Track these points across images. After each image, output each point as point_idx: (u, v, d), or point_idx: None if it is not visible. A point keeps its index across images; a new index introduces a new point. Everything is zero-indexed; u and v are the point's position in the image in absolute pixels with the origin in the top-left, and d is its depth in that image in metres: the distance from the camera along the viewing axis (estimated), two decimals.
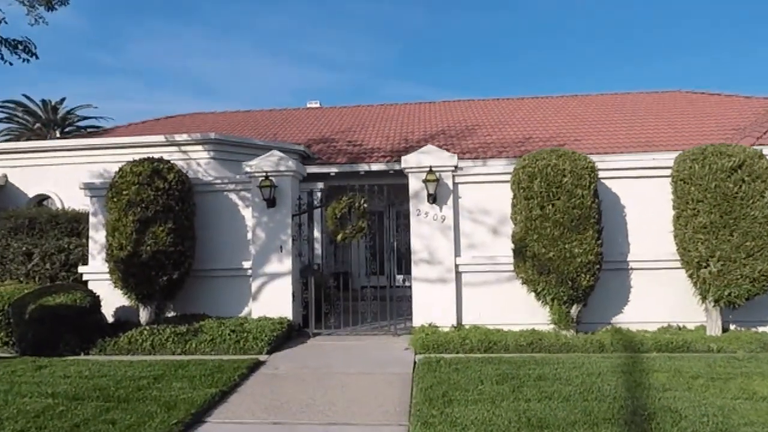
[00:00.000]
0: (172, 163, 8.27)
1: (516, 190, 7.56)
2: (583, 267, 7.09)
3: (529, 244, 7.28)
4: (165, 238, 7.76)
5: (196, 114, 21.52)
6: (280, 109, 21.70)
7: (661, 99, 19.09)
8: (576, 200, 7.09)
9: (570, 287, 7.18)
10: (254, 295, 8.50)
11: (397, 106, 20.86)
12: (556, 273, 7.13)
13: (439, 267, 8.19)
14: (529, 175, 7.34)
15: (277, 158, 8.58)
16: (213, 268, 8.72)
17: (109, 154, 12.38)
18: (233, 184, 8.89)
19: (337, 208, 8.31)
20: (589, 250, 7.09)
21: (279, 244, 8.46)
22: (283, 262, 8.46)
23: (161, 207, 7.81)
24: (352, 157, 14.67)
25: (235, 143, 12.64)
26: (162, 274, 7.81)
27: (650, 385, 5.18)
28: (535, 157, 7.48)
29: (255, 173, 8.53)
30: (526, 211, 7.32)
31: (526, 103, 19.99)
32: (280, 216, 8.53)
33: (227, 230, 8.83)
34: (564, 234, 7.07)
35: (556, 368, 5.93)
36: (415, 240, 8.29)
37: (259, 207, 8.56)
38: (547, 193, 7.17)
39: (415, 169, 8.33)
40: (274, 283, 8.45)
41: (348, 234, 8.31)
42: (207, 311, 8.60)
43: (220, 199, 8.93)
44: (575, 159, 7.30)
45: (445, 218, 8.23)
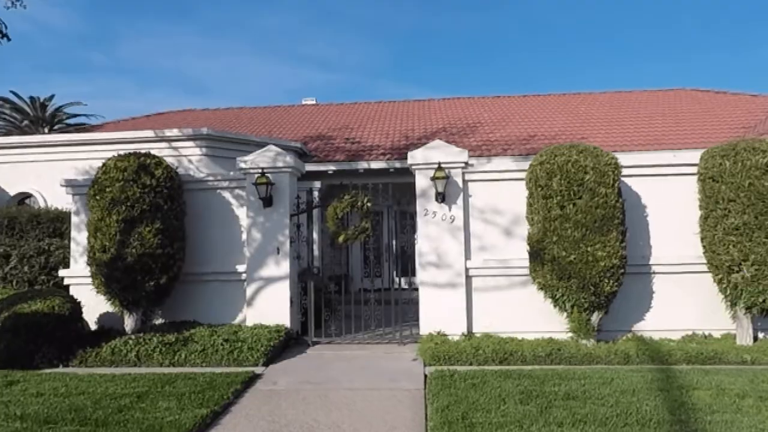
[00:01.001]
0: (161, 158, 7.65)
1: (533, 189, 7.01)
2: (606, 271, 6.55)
3: (547, 247, 6.73)
4: (152, 239, 7.14)
5: (188, 111, 20.87)
6: (274, 106, 21.08)
7: (665, 97, 18.66)
8: (599, 199, 6.55)
9: (592, 293, 6.64)
10: (249, 300, 7.91)
11: (395, 103, 20.30)
12: (577, 278, 6.58)
13: (448, 271, 7.62)
14: (547, 172, 6.79)
15: (274, 153, 7.98)
16: (204, 272, 8.12)
17: (95, 150, 11.75)
18: (227, 182, 8.29)
19: (338, 208, 7.73)
20: (613, 253, 6.55)
21: (276, 245, 7.87)
22: (280, 266, 7.87)
23: (148, 205, 7.19)
24: (351, 154, 14.11)
25: (228, 139, 12.05)
26: (149, 278, 7.19)
27: (694, 406, 4.63)
28: (553, 153, 6.93)
29: (250, 170, 7.93)
30: (544, 211, 6.77)
31: (527, 100, 19.49)
32: (278, 216, 7.94)
33: (220, 231, 8.23)
34: (586, 236, 6.53)
35: (584, 384, 5.38)
36: (423, 241, 7.73)
37: (255, 206, 7.96)
38: (567, 191, 6.63)
39: (423, 166, 7.76)
40: (271, 287, 7.86)
41: (350, 235, 7.73)
42: (198, 318, 7.99)
43: (212, 197, 8.32)
44: (597, 155, 6.76)
45: (454, 218, 7.67)
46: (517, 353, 6.59)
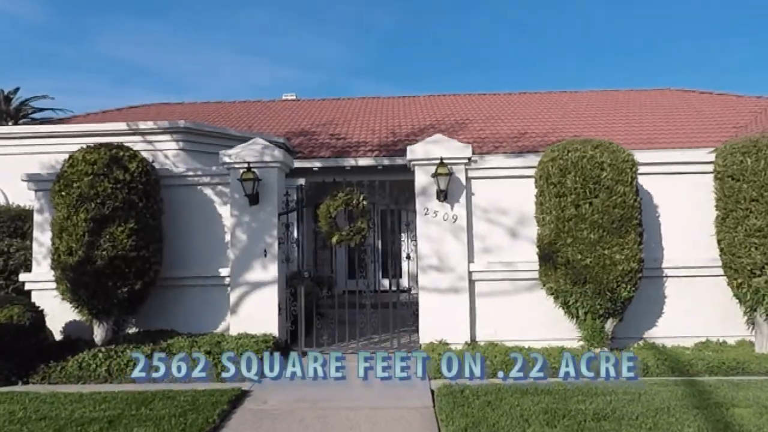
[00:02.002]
0: (135, 151, 6.92)
1: (543, 186, 6.52)
2: (624, 276, 6.10)
3: (560, 249, 6.25)
4: (125, 240, 6.42)
5: (163, 105, 19.91)
6: (254, 100, 20.27)
7: (652, 96, 18.53)
8: (617, 198, 6.09)
9: (608, 299, 6.18)
10: (233, 307, 7.23)
11: (379, 99, 19.71)
12: (593, 283, 6.11)
13: (450, 274, 7.09)
14: (560, 168, 6.31)
15: (261, 147, 7.33)
16: (184, 276, 7.41)
17: (63, 143, 10.81)
18: (209, 177, 7.59)
19: (332, 206, 7.11)
20: (631, 256, 6.10)
21: (263, 247, 7.21)
22: (267, 269, 7.22)
23: (121, 203, 6.47)
24: (337, 151, 13.48)
25: (207, 133, 11.29)
26: (121, 284, 6.47)
27: (741, 428, 4.18)
28: (565, 148, 6.45)
29: (235, 164, 7.26)
30: (557, 211, 6.29)
31: (514, 98, 19.14)
32: (265, 214, 7.28)
33: (202, 231, 7.53)
34: (603, 237, 6.06)
35: (610, 400, 4.89)
36: (423, 243, 7.17)
37: (240, 204, 7.29)
38: (582, 189, 6.15)
39: (423, 162, 7.21)
40: (257, 293, 7.20)
41: (345, 236, 7.12)
42: (176, 327, 7.28)
43: (193, 194, 7.62)
44: (614, 150, 6.30)
45: (457, 218, 7.13)
46: (529, 364, 6.07)
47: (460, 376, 5.91)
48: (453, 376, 5.92)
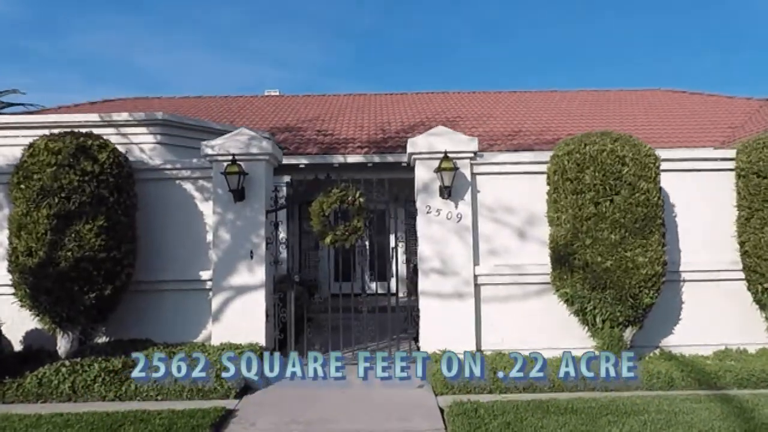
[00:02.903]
0: (106, 140, 6.19)
1: (558, 183, 5.99)
2: (648, 280, 5.60)
3: (578, 251, 5.72)
4: (93, 239, 5.70)
5: (140, 99, 19.00)
6: (235, 95, 19.50)
7: (644, 96, 18.29)
8: (640, 195, 5.59)
9: (630, 306, 5.67)
10: (215, 314, 6.55)
11: (367, 96, 19.11)
12: (614, 288, 5.59)
13: (454, 278, 6.52)
14: (577, 163, 5.78)
15: (248, 138, 6.67)
16: (160, 280, 6.69)
17: (29, 135, 9.97)
18: (189, 171, 6.89)
19: (325, 203, 6.48)
20: (655, 259, 5.60)
21: (249, 248, 6.55)
22: (253, 272, 6.55)
23: (89, 197, 5.75)
24: (324, 147, 12.82)
25: (187, 126, 10.53)
26: (88, 288, 5.74)
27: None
28: (582, 141, 5.94)
29: (218, 156, 6.58)
30: (574, 209, 5.76)
31: (506, 97, 18.72)
32: (251, 212, 6.62)
33: (180, 230, 6.83)
34: (625, 238, 5.55)
35: (644, 422, 4.36)
36: (424, 244, 6.59)
37: (224, 200, 6.62)
38: (602, 185, 5.64)
39: (425, 155, 6.64)
40: (242, 298, 6.53)
41: (340, 236, 6.49)
42: (152, 336, 6.57)
43: (171, 189, 6.91)
44: (635, 144, 5.81)
45: (461, 217, 6.57)
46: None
47: (470, 392, 5.37)
48: (463, 391, 5.37)
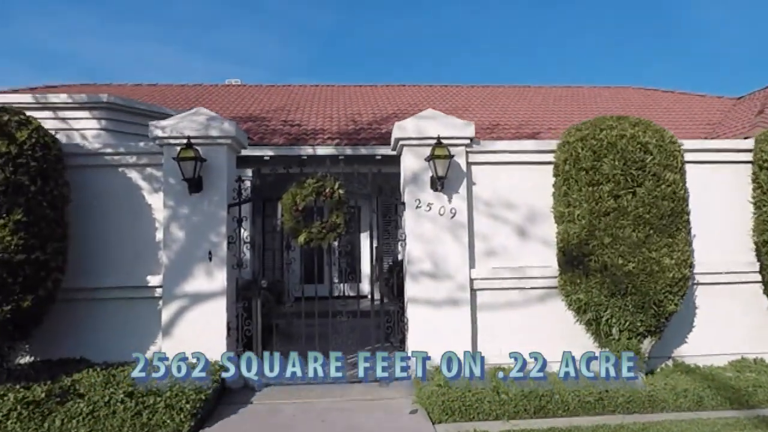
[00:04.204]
0: (28, 116, 5.05)
1: (570, 173, 5.23)
2: (674, 285, 4.90)
3: (595, 251, 4.97)
4: (9, 238, 4.56)
5: (87, 85, 17.36)
6: (193, 84, 18.17)
7: (617, 93, 18.05)
8: (666, 188, 4.88)
9: (652, 314, 4.95)
10: (166, 327, 5.49)
11: (335, 87, 18.11)
12: (637, 294, 4.86)
13: (447, 283, 5.67)
14: (593, 150, 5.03)
15: (206, 118, 5.65)
16: (99, 287, 5.59)
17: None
18: (134, 156, 5.79)
19: (299, 196, 5.53)
20: (682, 260, 4.91)
21: (207, 248, 5.53)
22: (213, 277, 5.53)
23: (2, 185, 4.59)
24: (291, 138, 11.79)
25: (137, 111, 9.36)
26: (3, 299, 4.60)
27: None
28: (596, 125, 5.19)
29: (170, 139, 5.53)
30: (590, 203, 5.00)
31: (478, 91, 18.09)
32: (210, 206, 5.60)
33: (124, 227, 5.74)
34: (650, 237, 4.83)
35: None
36: (413, 244, 5.72)
37: (177, 192, 5.57)
38: (623, 176, 4.90)
39: (414, 141, 5.77)
40: (199, 308, 5.50)
41: (315, 234, 5.55)
42: (88, 354, 5.47)
43: (112, 178, 5.80)
44: (657, 129, 5.11)
45: (456, 213, 5.73)
46: (556, 398, 4.76)
47: (473, 418, 4.57)
48: (464, 417, 4.54)
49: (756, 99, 13.82)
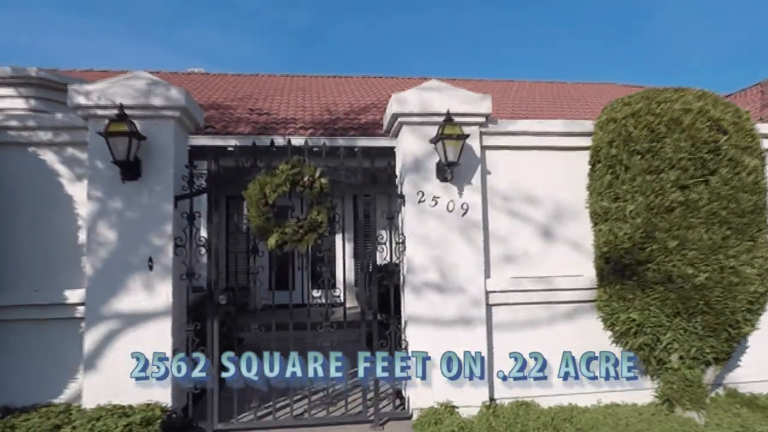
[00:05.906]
0: None
1: (616, 158, 4.11)
2: (754, 301, 3.83)
3: (654, 258, 3.86)
4: None
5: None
6: (153, 71, 16.54)
7: (602, 90, 17.35)
8: (746, 176, 3.81)
9: (725, 338, 3.88)
10: (90, 358, 4.13)
11: (307, 77, 16.79)
12: (711, 312, 3.77)
13: (458, 297, 4.49)
14: (650, 128, 3.92)
15: (146, 82, 4.32)
16: (1, 306, 4.20)
17: None
18: (50, 132, 4.41)
19: (269, 186, 4.25)
20: (766, 269, 3.84)
21: (147, 254, 4.20)
22: (154, 291, 4.20)
23: None
24: (260, 127, 10.41)
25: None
26: None
27: None
28: (650, 98, 4.11)
29: (97, 109, 4.19)
30: (646, 197, 3.90)
31: (459, 84, 16.99)
32: (151, 198, 4.27)
33: (34, 225, 4.35)
34: (728, 239, 3.75)
35: None
36: (415, 247, 4.51)
37: (106, 179, 4.22)
38: (692, 161, 3.80)
39: (416, 119, 4.58)
40: (135, 332, 4.16)
41: (291, 236, 4.27)
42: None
43: (19, 161, 4.41)
44: (728, 103, 4.03)
45: (468, 208, 4.56)
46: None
47: None
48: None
49: (752, 95, 13.19)
